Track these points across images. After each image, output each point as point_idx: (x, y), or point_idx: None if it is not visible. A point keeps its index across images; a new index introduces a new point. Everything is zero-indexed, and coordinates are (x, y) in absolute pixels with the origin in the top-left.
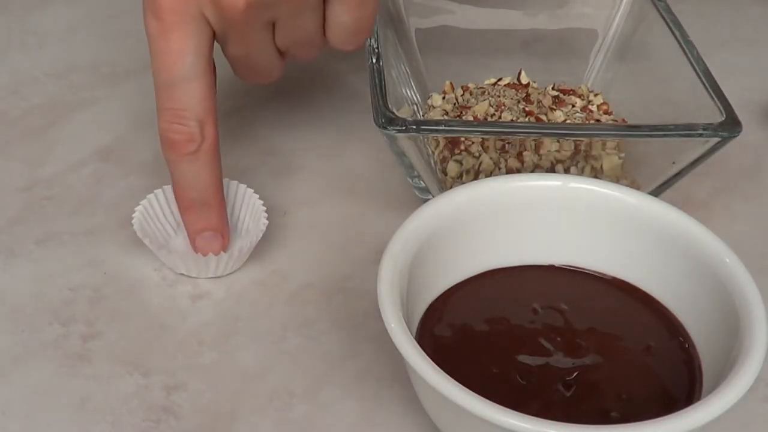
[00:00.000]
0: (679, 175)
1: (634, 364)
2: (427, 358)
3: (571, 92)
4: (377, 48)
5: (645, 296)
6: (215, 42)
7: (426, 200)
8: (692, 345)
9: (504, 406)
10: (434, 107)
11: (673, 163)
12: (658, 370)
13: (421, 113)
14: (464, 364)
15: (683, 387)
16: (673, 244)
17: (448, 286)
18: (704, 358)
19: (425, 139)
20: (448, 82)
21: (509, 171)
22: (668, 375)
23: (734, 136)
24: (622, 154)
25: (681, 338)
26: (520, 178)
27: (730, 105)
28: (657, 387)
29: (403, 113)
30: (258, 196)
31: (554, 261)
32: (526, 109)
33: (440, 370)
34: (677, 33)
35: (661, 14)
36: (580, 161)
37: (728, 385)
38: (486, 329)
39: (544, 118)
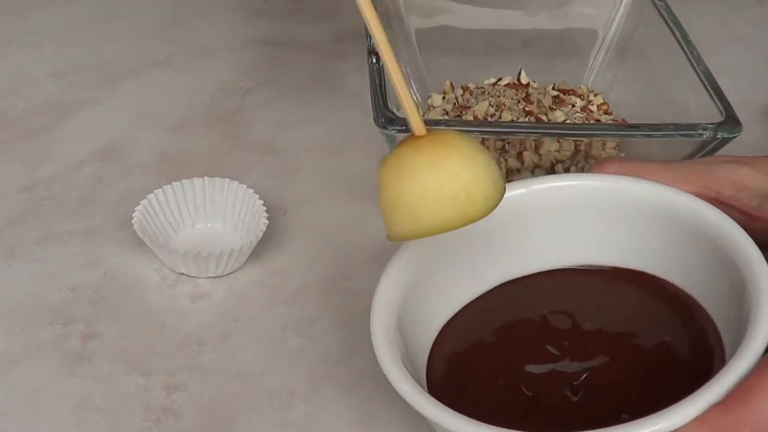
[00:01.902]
0: None
1: (646, 362)
2: (426, 395)
3: (571, 92)
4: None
5: (659, 283)
6: None
7: None
8: (715, 331)
9: (511, 419)
10: (434, 107)
11: None
12: (673, 367)
13: (421, 113)
14: (474, 381)
15: (700, 380)
16: (672, 222)
17: (456, 309)
18: (726, 340)
19: None
20: (448, 82)
21: (509, 171)
22: (683, 370)
23: (734, 136)
24: (622, 154)
25: (699, 324)
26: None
27: (730, 105)
28: (671, 384)
29: (404, 113)
30: (258, 196)
31: (562, 264)
32: (526, 109)
33: (437, 402)
34: (677, 33)
35: (661, 14)
36: (580, 161)
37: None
38: (494, 341)
39: (544, 118)
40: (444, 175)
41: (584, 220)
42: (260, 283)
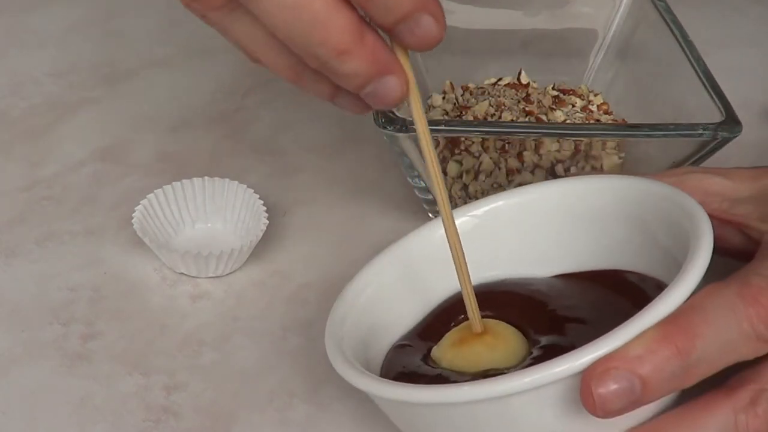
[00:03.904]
0: None
1: None
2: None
3: (571, 92)
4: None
5: (617, 279)
6: None
7: (426, 200)
8: None
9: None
10: (434, 107)
11: (673, 163)
12: None
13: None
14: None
15: None
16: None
17: (419, 318)
18: None
19: None
20: (448, 82)
21: (509, 171)
22: None
23: (734, 136)
24: (622, 154)
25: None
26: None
27: (730, 105)
28: None
29: (403, 113)
30: (258, 196)
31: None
32: (526, 109)
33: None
34: (677, 33)
35: (661, 14)
36: (580, 161)
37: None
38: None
39: (544, 118)
40: (514, 360)
41: (543, 228)
42: (260, 283)
